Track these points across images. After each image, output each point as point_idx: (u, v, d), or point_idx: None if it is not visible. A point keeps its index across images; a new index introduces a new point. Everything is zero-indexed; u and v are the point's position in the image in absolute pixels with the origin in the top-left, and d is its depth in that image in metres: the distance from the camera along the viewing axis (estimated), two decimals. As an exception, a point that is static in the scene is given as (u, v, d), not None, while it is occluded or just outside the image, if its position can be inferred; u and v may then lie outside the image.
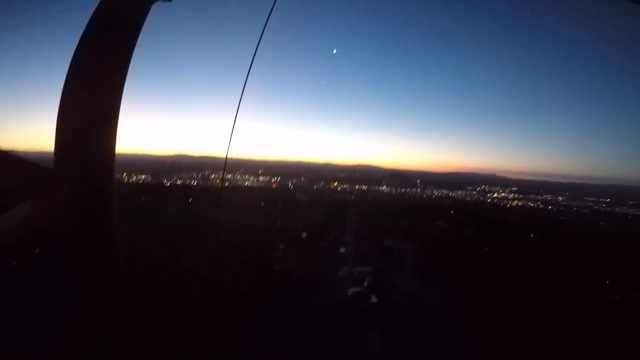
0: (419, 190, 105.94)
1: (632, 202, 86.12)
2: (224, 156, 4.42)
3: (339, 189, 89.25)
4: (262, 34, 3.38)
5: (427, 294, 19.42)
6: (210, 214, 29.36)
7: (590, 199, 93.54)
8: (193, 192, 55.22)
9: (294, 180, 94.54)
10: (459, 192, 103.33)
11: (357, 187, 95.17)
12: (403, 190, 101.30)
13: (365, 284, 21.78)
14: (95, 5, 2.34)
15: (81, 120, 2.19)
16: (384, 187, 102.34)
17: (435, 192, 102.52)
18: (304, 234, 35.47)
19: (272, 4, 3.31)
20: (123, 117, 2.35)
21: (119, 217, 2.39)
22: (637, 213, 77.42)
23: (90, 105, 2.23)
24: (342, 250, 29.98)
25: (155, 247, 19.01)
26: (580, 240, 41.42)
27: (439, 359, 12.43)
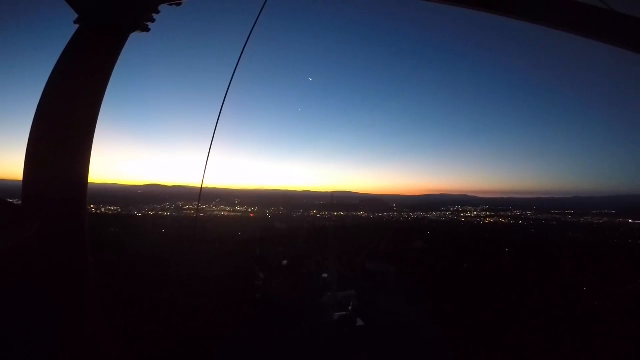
0: (395, 213, 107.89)
1: (595, 212, 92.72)
2: (199, 185, 4.34)
3: (318, 215, 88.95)
4: (238, 62, 3.53)
5: (413, 313, 19.22)
6: (185, 245, 28.07)
7: (557, 212, 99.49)
8: (166, 223, 52.87)
9: (272, 209, 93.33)
10: (434, 213, 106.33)
11: (335, 213, 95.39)
12: (380, 214, 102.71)
13: (350, 307, 21.25)
14: (72, 34, 2.32)
15: (53, 148, 2.07)
16: (362, 212, 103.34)
17: (411, 215, 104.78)
18: (285, 262, 34.62)
19: (250, 32, 3.49)
20: (94, 143, 2.29)
21: (90, 251, 2.28)
22: (600, 221, 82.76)
23: (62, 134, 2.12)
24: (325, 276, 29.38)
25: (126, 279, 17.73)
26: (551, 250, 43.41)
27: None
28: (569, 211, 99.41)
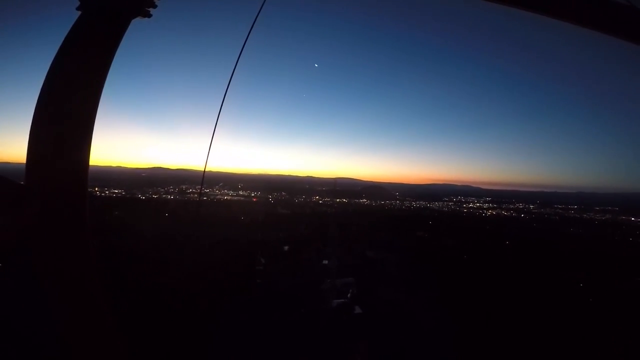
0: (397, 201, 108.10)
1: (597, 208, 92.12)
2: (203, 169, 4.26)
3: (320, 202, 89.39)
4: (242, 48, 3.43)
5: (412, 303, 19.47)
6: (188, 229, 28.40)
7: (560, 207, 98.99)
8: (170, 206, 53.38)
9: (275, 194, 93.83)
10: (437, 203, 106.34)
11: (338, 199, 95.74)
12: (383, 202, 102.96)
13: (349, 295, 21.59)
14: (75, 19, 2.37)
15: (55, 131, 2.13)
16: (364, 200, 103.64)
17: (414, 203, 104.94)
18: (286, 248, 35.05)
19: (254, 19, 3.37)
20: (97, 126, 2.33)
21: (92, 232, 2.32)
22: (603, 218, 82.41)
23: (65, 116, 2.18)
24: (325, 262, 29.73)
25: (130, 263, 18.04)
26: (552, 246, 43.55)
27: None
28: (572, 206, 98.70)
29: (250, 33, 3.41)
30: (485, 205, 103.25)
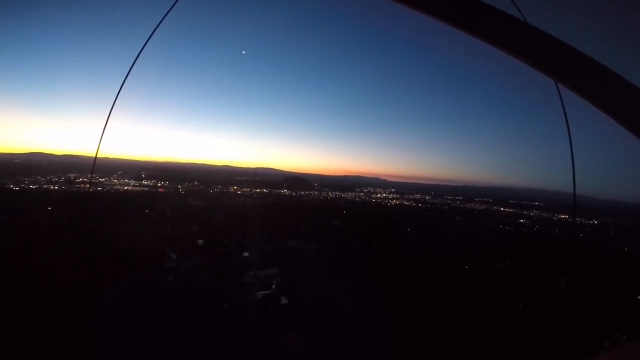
0: (316, 192, 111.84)
1: (477, 199, 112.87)
2: (94, 155, 3.42)
3: (238, 192, 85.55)
4: (162, 18, 2.91)
5: (333, 290, 20.28)
6: (77, 224, 23.40)
7: (449, 197, 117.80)
8: (53, 199, 43.17)
9: (186, 184, 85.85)
10: (349, 193, 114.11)
11: (258, 190, 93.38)
12: (303, 193, 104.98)
13: (273, 286, 21.25)
14: None
15: None
16: (285, 190, 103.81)
17: (330, 194, 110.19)
18: (200, 241, 32.50)
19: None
20: None
21: None
22: (480, 208, 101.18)
23: None
24: (246, 254, 28.65)
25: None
26: (442, 232, 51.82)
27: (357, 351, 13.09)
28: (458, 197, 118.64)
29: (176, 4, 2.86)
30: (391, 196, 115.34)
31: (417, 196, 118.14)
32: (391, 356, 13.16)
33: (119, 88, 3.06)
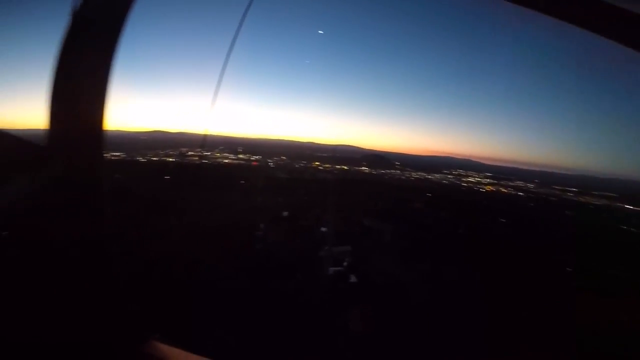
0: (397, 171, 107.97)
1: (595, 193, 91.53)
2: (203, 133, 4.05)
3: (320, 168, 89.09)
4: (246, 10, 3.23)
5: (405, 274, 20.08)
6: (187, 193, 28.42)
7: (558, 187, 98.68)
8: (170, 169, 53.17)
9: (275, 159, 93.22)
10: (436, 175, 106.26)
11: (338, 166, 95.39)
12: (383, 172, 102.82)
13: (345, 263, 22.19)
14: None
15: (71, 98, 2.24)
16: (364, 168, 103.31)
17: (413, 174, 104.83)
18: (285, 213, 35.39)
19: None
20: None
21: (107, 193, 2.41)
22: (599, 203, 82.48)
23: (80, 84, 2.26)
24: (323, 229, 30.17)
25: (132, 228, 18.17)
26: (546, 228, 44.30)
27: (419, 337, 13.07)
28: (570, 188, 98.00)
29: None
30: (485, 181, 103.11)
31: (519, 183, 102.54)
32: (453, 350, 12.65)
33: (219, 75, 3.52)
